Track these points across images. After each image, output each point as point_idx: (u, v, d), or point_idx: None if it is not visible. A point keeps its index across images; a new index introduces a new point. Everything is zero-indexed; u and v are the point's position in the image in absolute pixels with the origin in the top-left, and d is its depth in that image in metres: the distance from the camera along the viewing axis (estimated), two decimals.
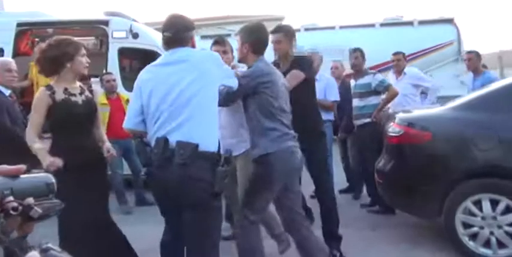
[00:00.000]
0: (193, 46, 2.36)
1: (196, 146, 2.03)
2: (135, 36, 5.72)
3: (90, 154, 2.52)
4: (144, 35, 5.74)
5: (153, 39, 5.51)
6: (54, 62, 2.48)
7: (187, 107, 2.08)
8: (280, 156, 2.45)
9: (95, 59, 6.64)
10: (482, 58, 5.42)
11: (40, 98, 2.47)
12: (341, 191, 4.95)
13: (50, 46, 2.50)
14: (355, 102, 4.47)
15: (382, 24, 10.05)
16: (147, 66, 2.30)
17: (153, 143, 2.12)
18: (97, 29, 6.09)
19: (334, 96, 4.56)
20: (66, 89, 2.51)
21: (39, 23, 6.01)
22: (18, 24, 5.60)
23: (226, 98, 2.44)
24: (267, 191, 2.51)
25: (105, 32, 5.83)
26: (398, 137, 3.42)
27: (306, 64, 3.16)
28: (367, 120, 4.34)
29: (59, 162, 2.35)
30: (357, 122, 4.48)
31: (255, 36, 2.62)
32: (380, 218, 4.15)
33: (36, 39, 6.20)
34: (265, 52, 2.67)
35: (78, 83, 2.61)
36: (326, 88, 4.50)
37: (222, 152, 2.15)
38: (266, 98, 2.48)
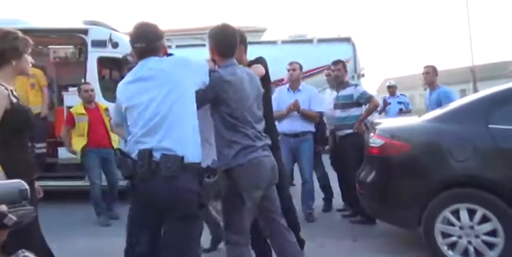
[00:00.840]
0: (165, 53, 2.33)
1: (182, 158, 2.02)
2: (115, 45, 5.67)
3: (33, 170, 2.28)
4: (124, 44, 5.68)
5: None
6: (1, 56, 2.14)
7: (166, 119, 2.06)
8: (243, 170, 2.30)
9: (73, 68, 6.61)
10: (455, 72, 5.65)
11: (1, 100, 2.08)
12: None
13: None
14: (338, 113, 4.53)
15: (283, 41, 10.35)
16: (120, 84, 2.26)
17: (133, 155, 2.08)
18: (76, 37, 6.01)
19: (319, 107, 4.60)
20: (12, 92, 2.15)
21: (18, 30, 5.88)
22: None
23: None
24: (238, 208, 2.38)
25: (84, 41, 5.76)
26: (379, 148, 3.47)
27: (263, 61, 2.95)
28: (349, 131, 4.40)
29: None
30: (339, 133, 4.53)
31: (217, 39, 2.48)
32: (361, 228, 4.18)
33: None
34: (233, 54, 2.48)
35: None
36: (311, 99, 4.53)
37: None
38: (225, 109, 2.32)
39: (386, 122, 4.03)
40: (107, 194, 4.92)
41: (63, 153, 5.42)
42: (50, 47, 6.86)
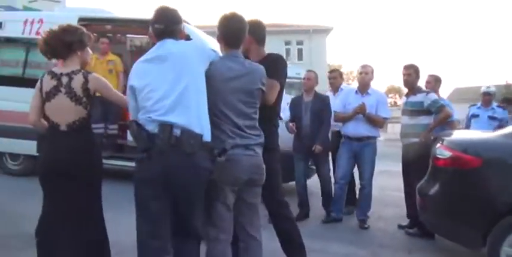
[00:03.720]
0: (182, 38, 2.40)
1: (201, 136, 2.14)
2: (187, 38, 5.86)
3: None
4: (195, 37, 5.86)
5: (204, 41, 5.62)
6: (69, 46, 2.53)
7: (183, 98, 2.15)
8: (217, 165, 2.24)
9: None
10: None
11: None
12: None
13: (65, 31, 2.54)
14: (405, 120, 4.33)
15: None
16: (137, 63, 2.32)
17: (149, 128, 2.14)
18: None
19: (386, 112, 4.46)
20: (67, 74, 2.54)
21: (100, 19, 6.27)
22: (80, 19, 5.85)
23: None
24: (214, 201, 2.32)
25: None
26: (446, 160, 3.30)
27: (276, 59, 2.78)
28: (415, 140, 4.16)
29: None
30: (404, 141, 4.35)
31: (223, 29, 2.42)
32: (417, 242, 4.01)
33: (95, 34, 6.48)
34: (238, 45, 2.41)
35: None
36: (378, 103, 4.40)
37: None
38: (209, 103, 2.25)
39: (456, 134, 3.82)
40: None
41: None
42: (127, 36, 7.24)
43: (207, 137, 2.18)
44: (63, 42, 2.52)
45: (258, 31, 2.78)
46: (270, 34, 2.85)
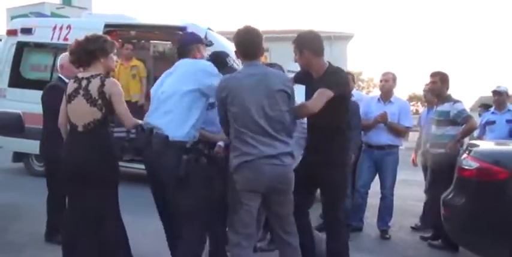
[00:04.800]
0: (199, 57, 2.83)
1: (167, 136, 2.49)
2: (209, 44, 5.91)
3: None
4: (217, 43, 5.91)
5: (226, 48, 5.66)
6: (92, 54, 2.67)
7: (164, 103, 2.62)
8: (241, 173, 2.38)
9: (170, 63, 6.99)
10: None
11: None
12: None
13: (88, 40, 2.69)
14: (432, 129, 4.19)
15: None
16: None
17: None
18: (174, 34, 6.37)
19: (408, 121, 4.37)
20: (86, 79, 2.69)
21: (125, 26, 6.41)
22: (106, 25, 6.00)
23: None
24: (236, 208, 2.41)
25: None
26: (472, 171, 3.21)
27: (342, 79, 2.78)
28: (442, 150, 4.01)
29: None
30: (431, 150, 4.20)
31: (238, 42, 2.54)
32: (440, 253, 3.92)
33: (120, 40, 6.62)
34: (255, 55, 2.51)
35: None
36: (400, 112, 4.32)
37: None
38: (230, 116, 2.41)
39: (483, 144, 3.72)
40: None
41: None
42: (151, 42, 7.37)
43: (176, 136, 2.48)
44: (86, 51, 2.68)
45: (313, 43, 2.79)
46: (291, 41, 2.87)
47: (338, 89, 2.63)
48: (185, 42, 2.81)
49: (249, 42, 2.51)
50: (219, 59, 2.99)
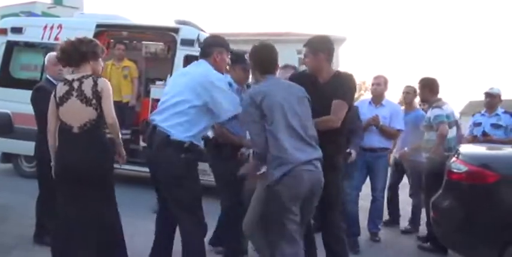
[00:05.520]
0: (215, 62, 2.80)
1: (168, 135, 2.55)
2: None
3: None
4: None
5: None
6: (83, 56, 2.71)
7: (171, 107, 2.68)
8: (284, 183, 2.36)
9: (162, 64, 7.00)
10: None
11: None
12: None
13: (82, 42, 2.73)
14: (423, 134, 4.31)
15: None
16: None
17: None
18: (167, 35, 6.35)
19: (400, 124, 4.40)
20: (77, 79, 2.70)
21: (117, 26, 6.37)
22: (98, 26, 5.96)
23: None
24: (284, 221, 2.39)
25: (174, 39, 6.06)
26: (461, 175, 3.24)
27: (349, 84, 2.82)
28: (427, 155, 4.13)
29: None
30: (423, 156, 4.29)
31: (255, 58, 2.64)
32: (428, 255, 3.95)
33: (111, 40, 6.58)
34: (273, 70, 2.64)
35: None
36: (392, 115, 4.35)
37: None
38: (265, 121, 2.42)
39: (472, 148, 3.76)
40: None
41: None
42: (143, 42, 7.33)
43: (177, 137, 2.53)
44: (78, 52, 2.71)
45: (328, 48, 2.83)
46: (282, 43, 2.97)
47: (351, 98, 2.77)
48: (206, 44, 2.84)
49: (267, 58, 2.62)
50: (239, 56, 3.16)
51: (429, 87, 4.27)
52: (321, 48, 2.76)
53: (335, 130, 2.72)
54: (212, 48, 2.76)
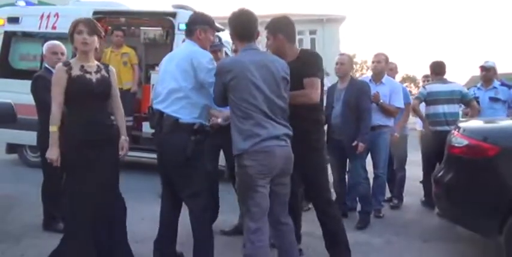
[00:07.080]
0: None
1: (177, 119, 2.60)
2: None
3: (99, 128, 2.67)
4: None
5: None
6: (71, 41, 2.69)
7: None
8: (251, 156, 2.34)
9: (161, 49, 6.95)
10: None
11: (57, 73, 2.65)
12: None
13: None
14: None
15: None
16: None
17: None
18: (165, 20, 6.30)
19: (399, 102, 4.40)
20: (82, 67, 2.67)
21: (114, 12, 6.33)
22: (95, 13, 5.92)
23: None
24: (251, 193, 2.36)
25: (172, 23, 6.02)
26: (462, 149, 3.25)
27: (311, 56, 2.80)
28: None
29: (56, 158, 2.57)
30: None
31: (234, 24, 2.54)
32: (432, 231, 4.02)
33: (109, 27, 6.54)
34: (251, 38, 2.51)
35: (95, 62, 2.75)
36: (392, 93, 4.36)
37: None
38: (232, 96, 2.39)
39: (472, 122, 3.76)
40: None
41: (147, 128, 5.78)
42: (141, 28, 7.29)
43: (186, 119, 2.58)
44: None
45: (287, 28, 2.79)
46: None
47: (322, 74, 2.74)
48: (189, 22, 2.78)
49: (245, 25, 2.52)
50: None
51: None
52: (279, 29, 2.73)
53: (309, 105, 2.71)
54: (195, 25, 2.73)
